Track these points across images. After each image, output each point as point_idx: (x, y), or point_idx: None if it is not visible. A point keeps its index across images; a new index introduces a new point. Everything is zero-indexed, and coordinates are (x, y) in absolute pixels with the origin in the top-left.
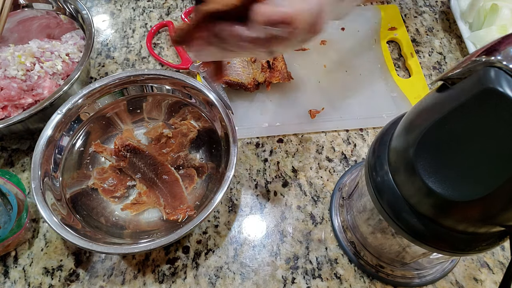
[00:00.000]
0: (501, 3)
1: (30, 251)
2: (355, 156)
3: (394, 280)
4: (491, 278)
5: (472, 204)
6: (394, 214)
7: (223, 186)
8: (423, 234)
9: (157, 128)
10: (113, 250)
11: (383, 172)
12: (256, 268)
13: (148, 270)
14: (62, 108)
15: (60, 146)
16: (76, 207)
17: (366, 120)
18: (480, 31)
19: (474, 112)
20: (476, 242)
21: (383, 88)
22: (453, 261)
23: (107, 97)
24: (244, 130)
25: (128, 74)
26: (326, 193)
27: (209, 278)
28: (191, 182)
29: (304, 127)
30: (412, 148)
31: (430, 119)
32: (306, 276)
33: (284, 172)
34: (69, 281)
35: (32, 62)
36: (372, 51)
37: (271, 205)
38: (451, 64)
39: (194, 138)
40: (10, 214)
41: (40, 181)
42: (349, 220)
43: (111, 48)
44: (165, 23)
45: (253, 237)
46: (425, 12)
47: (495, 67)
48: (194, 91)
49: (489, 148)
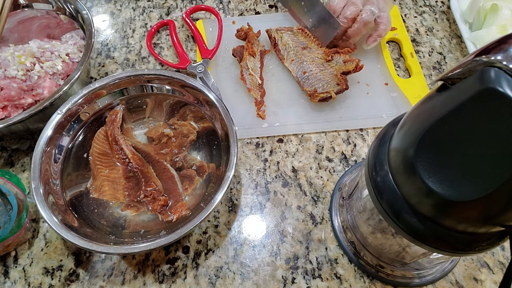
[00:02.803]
0: (501, 3)
1: (30, 251)
2: (355, 156)
3: (394, 280)
4: (491, 278)
5: (472, 204)
6: (394, 214)
7: (223, 186)
8: (423, 234)
9: (157, 127)
10: (113, 250)
11: (383, 172)
12: (256, 268)
13: (148, 270)
14: (62, 108)
15: (60, 146)
16: (76, 207)
17: (366, 120)
18: (480, 31)
19: (474, 112)
20: (476, 242)
21: (383, 88)
22: (453, 261)
23: (107, 97)
24: (244, 130)
25: (128, 74)
26: (326, 193)
27: (209, 278)
28: (191, 183)
29: (304, 127)
30: (412, 148)
31: (430, 119)
32: (306, 276)
33: (284, 172)
34: (69, 281)
35: (32, 62)
36: (372, 51)
37: (271, 205)
38: (451, 64)
39: (194, 140)
40: (10, 214)
41: (40, 181)
42: (349, 220)
43: (111, 48)
44: (166, 22)
45: (253, 237)
46: (425, 12)
47: (495, 67)
48: (194, 91)
49: (489, 148)
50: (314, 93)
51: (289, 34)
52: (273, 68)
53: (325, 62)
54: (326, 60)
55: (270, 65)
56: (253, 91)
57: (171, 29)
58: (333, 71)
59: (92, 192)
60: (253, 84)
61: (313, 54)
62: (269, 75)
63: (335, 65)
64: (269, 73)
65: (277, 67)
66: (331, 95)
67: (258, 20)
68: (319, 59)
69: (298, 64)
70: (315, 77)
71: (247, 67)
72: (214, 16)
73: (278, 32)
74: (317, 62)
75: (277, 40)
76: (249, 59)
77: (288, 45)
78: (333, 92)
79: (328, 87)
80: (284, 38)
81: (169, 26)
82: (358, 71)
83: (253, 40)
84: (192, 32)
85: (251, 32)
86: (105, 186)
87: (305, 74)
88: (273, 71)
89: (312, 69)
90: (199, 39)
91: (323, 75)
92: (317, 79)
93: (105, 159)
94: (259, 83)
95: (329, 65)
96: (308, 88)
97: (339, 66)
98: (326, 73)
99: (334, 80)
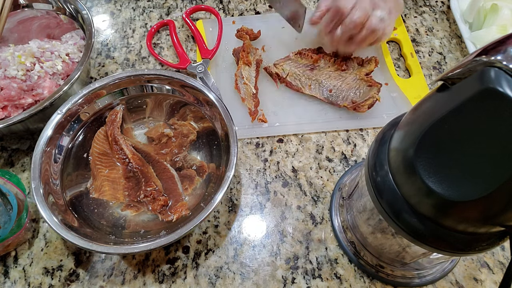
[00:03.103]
0: (501, 3)
1: (30, 251)
2: (355, 156)
3: (394, 280)
4: (491, 278)
5: (472, 204)
6: (394, 214)
7: (223, 186)
8: (423, 234)
9: (157, 127)
10: (113, 250)
11: (383, 172)
12: (256, 268)
13: (148, 270)
14: (62, 108)
15: (60, 146)
16: (76, 207)
17: (366, 120)
18: (480, 31)
19: (474, 112)
20: (476, 242)
21: (383, 88)
22: (453, 261)
23: (107, 97)
24: (244, 130)
25: (128, 74)
26: (326, 193)
27: (209, 278)
28: (191, 183)
29: (304, 127)
30: (412, 148)
31: (430, 119)
32: (306, 276)
33: (284, 172)
34: (69, 281)
35: (32, 62)
36: (372, 51)
37: (271, 205)
38: (451, 64)
39: (194, 140)
40: (10, 214)
41: (40, 181)
42: (349, 220)
43: (111, 48)
44: (166, 22)
45: (253, 237)
46: (425, 12)
47: (495, 67)
48: (194, 91)
49: (489, 148)
50: (357, 104)
51: (289, 63)
52: None
53: (341, 72)
54: (341, 70)
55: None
56: (247, 100)
57: (171, 29)
58: (354, 77)
59: (92, 192)
60: (247, 94)
61: (326, 71)
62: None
63: (353, 71)
64: None
65: None
66: (376, 98)
67: (258, 20)
68: (334, 72)
69: (318, 86)
70: (343, 90)
71: (242, 76)
72: (214, 16)
73: (277, 67)
74: (334, 75)
75: (281, 74)
76: (243, 68)
77: (295, 74)
78: (376, 94)
79: (362, 92)
80: (286, 69)
81: (169, 26)
82: (376, 66)
83: (248, 49)
84: (192, 32)
85: (246, 41)
86: (105, 186)
87: (331, 92)
88: None
89: (335, 84)
90: (199, 39)
91: (348, 85)
92: (345, 90)
93: (105, 159)
94: (254, 93)
95: (347, 73)
96: (346, 103)
97: (358, 70)
98: (350, 81)
99: (362, 83)
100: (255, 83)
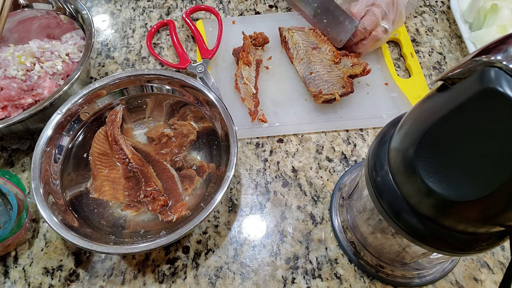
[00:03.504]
0: (501, 3)
1: (30, 251)
2: (355, 156)
3: (394, 280)
4: (491, 278)
5: (472, 204)
6: (394, 214)
7: (223, 186)
8: (423, 234)
9: (157, 127)
10: (113, 250)
11: (383, 172)
12: (256, 268)
13: (148, 270)
14: (62, 108)
15: (60, 146)
16: (76, 207)
17: (366, 120)
18: (480, 31)
19: (474, 112)
20: (476, 242)
21: (383, 88)
22: (453, 261)
23: (107, 97)
24: (244, 130)
25: (128, 74)
26: (326, 193)
27: (209, 278)
28: (191, 183)
29: (304, 127)
30: (412, 148)
31: (430, 119)
32: (306, 276)
33: (284, 172)
34: (69, 281)
35: (32, 62)
36: (372, 51)
37: (271, 205)
38: (451, 64)
39: (194, 140)
40: (10, 214)
41: (40, 181)
42: (349, 220)
43: (111, 48)
44: (166, 22)
45: (253, 237)
46: (425, 12)
47: (495, 67)
48: (194, 91)
49: (489, 148)
50: (319, 94)
51: (300, 33)
52: (273, 67)
53: (333, 64)
54: (334, 62)
55: (270, 64)
56: (247, 100)
57: (171, 29)
58: (340, 74)
59: (92, 192)
60: (247, 94)
61: (322, 55)
62: (269, 74)
63: (342, 68)
64: (269, 72)
65: (277, 67)
66: (335, 97)
67: (258, 20)
68: (327, 60)
69: (306, 64)
70: (321, 79)
71: (242, 76)
72: (214, 16)
73: (289, 31)
74: (325, 63)
75: (287, 39)
76: (243, 68)
77: (298, 44)
78: (338, 94)
79: (333, 89)
80: (294, 37)
81: (169, 26)
82: (365, 75)
83: (248, 49)
84: (192, 32)
85: (246, 41)
86: (105, 186)
87: (312, 74)
88: (273, 70)
89: (319, 70)
90: (199, 39)
91: (329, 77)
92: (323, 80)
93: (105, 159)
94: (253, 93)
95: (337, 67)
96: (313, 89)
97: (346, 69)
98: (333, 75)
99: (340, 82)
100: (255, 83)
